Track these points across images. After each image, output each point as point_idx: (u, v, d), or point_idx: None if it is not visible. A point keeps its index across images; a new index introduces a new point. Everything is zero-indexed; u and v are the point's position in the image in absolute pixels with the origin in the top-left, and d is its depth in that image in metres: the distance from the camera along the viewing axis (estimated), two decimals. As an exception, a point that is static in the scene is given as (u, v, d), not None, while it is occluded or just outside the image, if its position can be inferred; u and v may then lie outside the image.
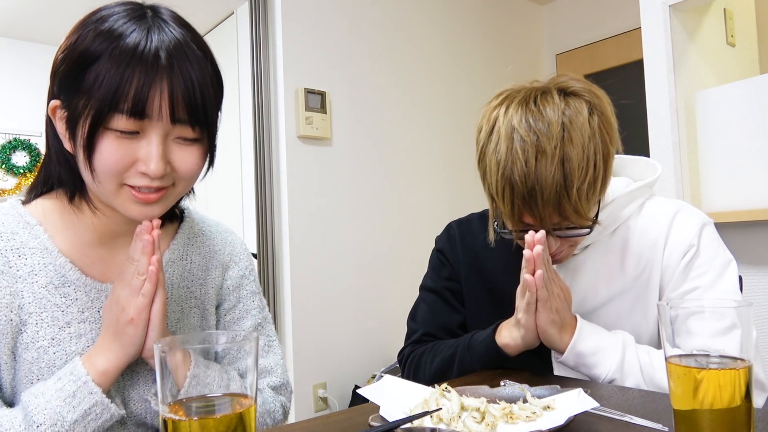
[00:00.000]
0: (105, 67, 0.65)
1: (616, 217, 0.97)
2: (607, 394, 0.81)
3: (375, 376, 2.55)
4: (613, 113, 0.88)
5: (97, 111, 0.65)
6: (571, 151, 0.81)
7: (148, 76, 0.65)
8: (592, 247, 0.99)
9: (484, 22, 3.31)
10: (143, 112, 0.66)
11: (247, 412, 0.51)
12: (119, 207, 0.72)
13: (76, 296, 0.76)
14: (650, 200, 1.00)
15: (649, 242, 0.96)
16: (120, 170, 0.68)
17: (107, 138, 0.66)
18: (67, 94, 0.69)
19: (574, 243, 0.93)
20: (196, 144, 0.73)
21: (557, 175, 0.80)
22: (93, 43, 0.66)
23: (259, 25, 2.50)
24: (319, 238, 2.51)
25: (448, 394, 0.71)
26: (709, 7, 2.13)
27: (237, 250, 0.95)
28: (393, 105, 2.83)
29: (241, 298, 0.93)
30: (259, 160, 2.50)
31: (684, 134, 2.03)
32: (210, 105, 0.71)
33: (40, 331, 0.73)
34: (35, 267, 0.74)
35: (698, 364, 0.57)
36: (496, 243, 1.05)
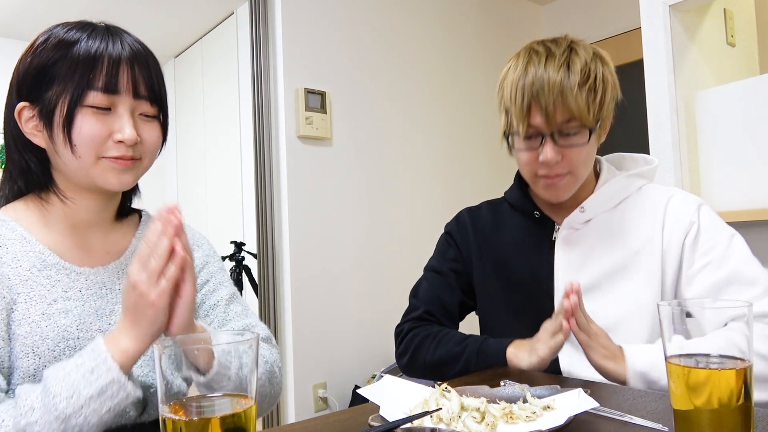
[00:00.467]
0: (75, 60, 0.79)
1: (616, 193, 1.05)
2: (607, 394, 0.81)
3: (375, 376, 2.55)
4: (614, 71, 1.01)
5: (74, 91, 0.78)
6: (576, 59, 0.96)
7: (116, 61, 0.80)
8: (593, 222, 1.05)
9: (483, 22, 3.31)
10: (115, 87, 0.80)
11: (247, 412, 0.51)
12: (98, 179, 0.82)
13: (58, 278, 0.83)
14: (649, 185, 1.08)
15: (648, 220, 1.02)
16: (98, 142, 0.80)
17: (85, 114, 0.79)
18: (36, 95, 0.81)
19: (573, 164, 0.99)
20: (155, 121, 0.86)
21: (562, 71, 0.95)
22: (54, 50, 0.80)
23: (259, 25, 2.50)
24: (319, 238, 2.51)
25: (448, 394, 0.71)
26: (709, 7, 2.13)
27: (197, 236, 1.02)
28: (393, 105, 2.83)
29: (212, 273, 1.00)
30: (259, 160, 2.50)
31: (684, 134, 2.03)
32: (163, 87, 0.87)
33: (31, 307, 0.79)
34: (17, 254, 0.81)
35: (698, 364, 0.57)
36: (505, 223, 1.14)
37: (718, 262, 0.95)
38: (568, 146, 0.97)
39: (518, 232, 1.11)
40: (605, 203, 1.05)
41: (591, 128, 0.96)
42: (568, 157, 0.98)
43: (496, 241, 1.14)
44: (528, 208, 1.12)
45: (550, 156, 0.96)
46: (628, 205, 1.05)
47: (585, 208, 1.05)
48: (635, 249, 1.01)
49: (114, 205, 0.92)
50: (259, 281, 2.50)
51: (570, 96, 0.93)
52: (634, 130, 3.07)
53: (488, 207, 1.20)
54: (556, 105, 0.94)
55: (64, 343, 0.79)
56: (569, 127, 0.96)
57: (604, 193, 1.06)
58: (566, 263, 1.04)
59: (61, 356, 0.79)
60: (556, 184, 1.01)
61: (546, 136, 0.96)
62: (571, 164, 0.99)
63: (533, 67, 0.96)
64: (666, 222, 1.00)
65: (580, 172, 1.01)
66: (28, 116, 0.82)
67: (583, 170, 1.02)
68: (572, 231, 1.06)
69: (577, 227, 1.05)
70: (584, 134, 0.97)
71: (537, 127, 0.96)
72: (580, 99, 0.94)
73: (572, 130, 0.96)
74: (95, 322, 0.83)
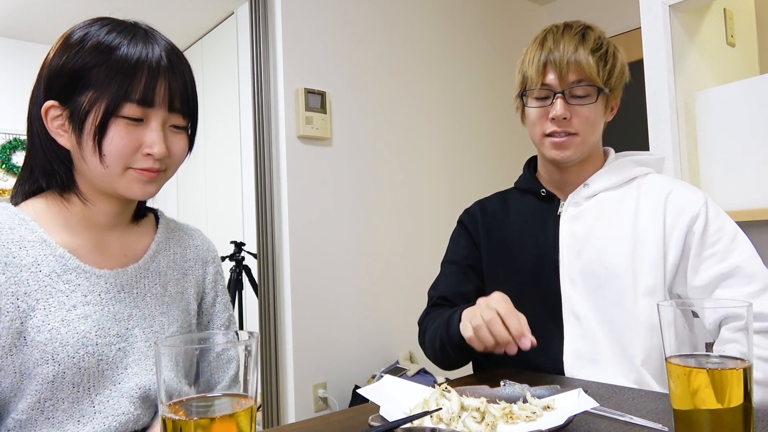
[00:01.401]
0: (114, 68, 0.77)
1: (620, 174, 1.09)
2: (607, 394, 0.81)
3: (375, 376, 2.55)
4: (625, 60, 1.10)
5: (110, 101, 0.77)
6: (590, 33, 1.06)
7: (154, 72, 0.79)
8: (596, 199, 1.09)
9: (483, 22, 3.31)
10: (152, 100, 0.79)
11: (247, 412, 0.51)
12: (122, 188, 0.82)
13: (78, 282, 0.82)
14: (655, 174, 1.12)
15: (650, 202, 1.05)
16: (128, 153, 0.79)
17: (117, 125, 0.78)
18: (67, 96, 0.79)
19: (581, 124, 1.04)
20: (183, 132, 0.86)
21: (577, 38, 1.04)
22: (92, 54, 0.78)
23: (259, 25, 2.50)
24: (319, 238, 2.51)
25: (448, 394, 0.72)
26: (709, 7, 2.13)
27: (212, 248, 1.05)
28: (393, 105, 2.83)
29: (218, 293, 1.03)
30: (259, 160, 2.50)
31: (684, 134, 2.03)
32: (196, 98, 0.87)
33: (50, 314, 0.78)
34: (37, 258, 0.80)
35: (698, 364, 0.57)
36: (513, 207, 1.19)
37: (723, 254, 0.98)
38: (577, 105, 1.03)
39: (525, 213, 1.15)
40: (609, 181, 1.09)
41: (600, 88, 1.03)
42: (576, 116, 1.03)
43: (504, 224, 1.18)
44: (535, 187, 1.16)
45: (560, 111, 1.02)
46: (631, 187, 1.08)
47: (589, 184, 1.09)
48: (638, 226, 1.03)
49: (132, 208, 0.92)
50: (259, 281, 2.50)
51: (583, 57, 1.02)
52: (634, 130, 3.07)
53: (498, 196, 1.26)
54: (569, 64, 1.02)
55: (84, 349, 0.79)
56: (580, 86, 1.03)
57: (609, 171, 1.10)
58: (570, 236, 1.07)
59: (80, 362, 0.79)
60: (564, 143, 1.05)
61: (558, 93, 1.03)
62: (579, 123, 1.04)
63: (551, 36, 1.07)
64: (668, 207, 1.03)
65: (587, 134, 1.05)
66: (55, 115, 0.80)
67: (590, 134, 1.06)
68: (576, 205, 1.10)
69: (581, 202, 1.10)
70: (593, 95, 1.03)
71: (550, 86, 1.04)
72: (591, 61, 1.02)
73: (582, 90, 1.03)
74: (113, 326, 0.83)
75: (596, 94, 1.03)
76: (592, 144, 1.09)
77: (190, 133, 0.88)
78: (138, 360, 0.85)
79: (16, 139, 4.04)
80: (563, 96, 1.03)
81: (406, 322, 2.70)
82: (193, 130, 0.89)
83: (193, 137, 0.89)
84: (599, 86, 1.03)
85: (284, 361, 2.42)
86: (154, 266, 0.92)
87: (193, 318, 0.96)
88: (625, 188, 1.09)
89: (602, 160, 1.14)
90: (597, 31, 1.08)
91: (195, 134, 0.90)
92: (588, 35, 1.05)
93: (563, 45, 1.04)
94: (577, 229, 1.08)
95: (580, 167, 1.11)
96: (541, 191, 1.15)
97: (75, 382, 0.79)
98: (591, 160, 1.12)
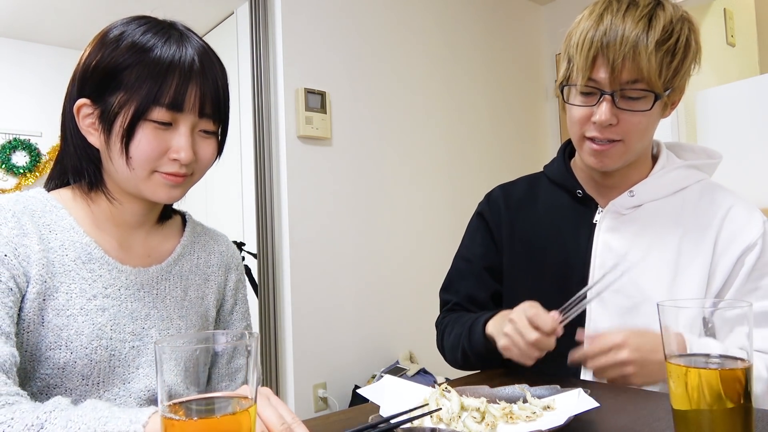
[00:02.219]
0: (145, 70, 0.76)
1: (672, 183, 0.95)
2: (607, 394, 0.81)
3: (375, 376, 2.55)
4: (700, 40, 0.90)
5: (140, 104, 0.76)
6: (661, 14, 0.85)
7: (186, 76, 0.78)
8: (642, 210, 0.96)
9: (484, 21, 3.30)
10: (181, 105, 0.78)
11: (247, 412, 0.51)
12: (147, 191, 0.81)
13: (100, 273, 0.82)
14: (709, 181, 0.98)
15: (703, 220, 0.92)
16: (154, 157, 0.79)
17: (145, 128, 0.77)
18: (99, 94, 0.79)
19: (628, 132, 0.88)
20: (213, 137, 0.85)
21: (641, 25, 0.83)
22: (126, 53, 0.77)
23: (259, 25, 2.50)
24: (319, 238, 2.51)
25: (448, 394, 0.71)
26: (709, 7, 2.13)
27: (236, 255, 1.05)
28: (393, 105, 2.83)
29: (238, 301, 1.03)
30: (259, 160, 2.50)
31: (684, 134, 2.03)
32: (228, 103, 0.85)
33: (71, 300, 0.79)
34: (65, 242, 0.81)
35: (698, 364, 0.57)
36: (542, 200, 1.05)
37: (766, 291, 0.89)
38: (627, 110, 0.86)
39: (556, 211, 1.01)
40: (659, 191, 0.95)
41: (658, 94, 0.86)
42: (624, 123, 0.88)
43: (531, 220, 1.04)
44: (570, 185, 1.02)
45: (606, 117, 0.86)
46: (684, 199, 0.95)
47: (635, 193, 0.95)
48: (682, 247, 0.91)
49: (158, 209, 0.93)
50: (259, 281, 2.50)
51: (644, 53, 0.82)
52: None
53: (525, 181, 1.11)
54: (625, 61, 0.83)
55: (97, 341, 0.79)
56: (634, 89, 0.85)
57: (659, 179, 0.95)
58: (606, 250, 0.95)
59: (92, 354, 0.79)
60: (605, 152, 0.90)
61: (606, 93, 0.86)
62: (626, 131, 0.88)
63: (610, 15, 0.86)
64: (723, 229, 0.91)
65: (633, 142, 0.90)
66: (87, 113, 0.80)
67: (638, 142, 0.90)
68: (617, 216, 0.96)
69: (624, 212, 0.96)
70: (649, 100, 0.86)
71: (598, 83, 0.87)
72: (653, 59, 0.83)
73: (636, 93, 0.86)
74: (129, 324, 0.83)
75: (653, 100, 0.86)
76: (639, 152, 0.94)
77: (220, 138, 0.87)
78: (150, 361, 0.85)
79: (16, 139, 4.04)
80: (612, 98, 0.86)
81: (406, 322, 2.70)
82: (223, 135, 0.88)
83: (223, 142, 0.88)
84: (657, 92, 0.85)
85: (284, 361, 2.42)
86: (177, 269, 0.92)
87: (211, 325, 0.96)
88: (675, 199, 0.95)
89: (649, 159, 0.99)
90: (669, 11, 0.86)
91: (225, 139, 0.89)
92: (656, 19, 0.84)
93: (622, 33, 0.83)
94: (614, 242, 0.94)
95: (626, 170, 0.97)
96: (578, 192, 1.00)
97: (85, 374, 0.79)
98: (638, 164, 0.97)
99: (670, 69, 0.85)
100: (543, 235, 1.02)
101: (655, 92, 0.85)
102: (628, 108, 0.86)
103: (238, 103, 3.51)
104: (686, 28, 0.87)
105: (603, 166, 0.93)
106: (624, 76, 0.84)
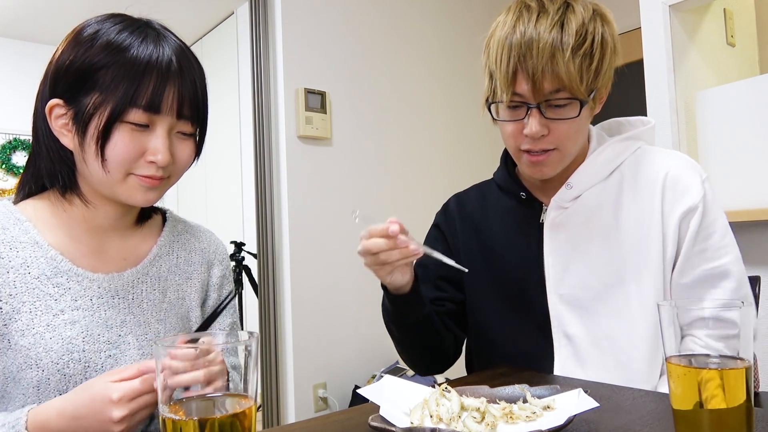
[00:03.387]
0: (121, 70, 0.74)
1: (606, 162, 0.95)
2: (607, 394, 0.81)
3: (375, 376, 2.55)
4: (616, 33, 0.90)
5: (116, 105, 0.74)
6: (572, 18, 0.85)
7: (163, 77, 0.76)
8: (582, 199, 0.96)
9: (483, 21, 3.30)
10: (159, 107, 0.76)
11: (247, 411, 0.51)
12: (123, 194, 0.79)
13: (69, 285, 0.80)
14: (645, 147, 0.98)
15: (645, 191, 0.92)
16: (130, 160, 0.77)
17: (122, 130, 0.75)
18: (72, 95, 0.76)
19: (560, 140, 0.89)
20: (191, 139, 0.83)
21: (555, 31, 0.83)
22: (101, 53, 0.75)
23: (259, 25, 2.50)
24: (319, 238, 2.51)
25: (448, 394, 0.71)
26: (709, 7, 2.13)
27: (220, 250, 1.01)
28: (393, 105, 2.83)
29: (222, 297, 0.99)
30: (259, 160, 2.50)
31: (684, 134, 2.03)
32: (206, 105, 0.84)
33: (35, 318, 0.76)
34: (27, 259, 0.78)
35: (698, 364, 0.57)
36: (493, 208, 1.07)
37: (714, 252, 0.90)
38: (556, 119, 0.87)
39: (506, 216, 1.02)
40: (595, 175, 0.95)
41: (583, 100, 0.86)
42: (555, 132, 0.88)
43: (484, 228, 1.05)
44: (514, 189, 1.03)
45: (536, 129, 0.86)
46: (622, 174, 0.95)
47: (572, 184, 0.94)
48: (629, 223, 0.92)
49: (135, 211, 0.90)
50: (259, 281, 2.50)
51: (561, 62, 0.82)
52: (634, 130, 3.07)
53: (477, 191, 1.13)
54: (544, 72, 0.83)
55: (68, 356, 0.77)
56: (558, 98, 0.85)
57: (592, 163, 0.95)
58: (555, 247, 0.96)
59: (65, 369, 0.76)
60: (542, 162, 0.91)
61: (532, 106, 0.86)
62: (558, 139, 0.89)
63: (522, 25, 0.85)
64: (665, 194, 0.91)
65: (568, 148, 0.90)
66: (59, 113, 0.78)
67: (572, 146, 0.91)
68: (561, 211, 0.96)
69: (566, 206, 0.96)
70: (574, 107, 0.86)
71: (522, 96, 0.87)
72: (572, 66, 0.83)
73: (561, 101, 0.86)
74: (103, 333, 0.80)
75: (579, 107, 0.86)
76: (576, 152, 0.94)
77: (198, 139, 0.85)
78: None
79: (16, 139, 4.04)
80: (539, 110, 0.86)
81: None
82: (201, 137, 0.86)
83: (201, 143, 0.86)
84: (582, 99, 0.85)
85: (284, 361, 2.42)
86: (154, 271, 0.89)
87: (194, 325, 0.93)
88: (616, 177, 0.95)
89: (585, 146, 0.98)
90: (580, 10, 0.86)
91: (203, 140, 0.87)
92: (569, 21, 0.84)
93: (537, 43, 0.83)
94: (561, 237, 0.95)
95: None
96: (521, 194, 1.01)
97: (60, 389, 0.76)
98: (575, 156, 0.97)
99: (590, 72, 0.85)
100: (497, 241, 1.03)
101: (579, 99, 0.85)
102: (556, 117, 0.87)
103: (238, 103, 3.51)
104: (599, 24, 0.87)
105: (543, 175, 0.94)
106: (546, 86, 0.84)
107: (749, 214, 1.75)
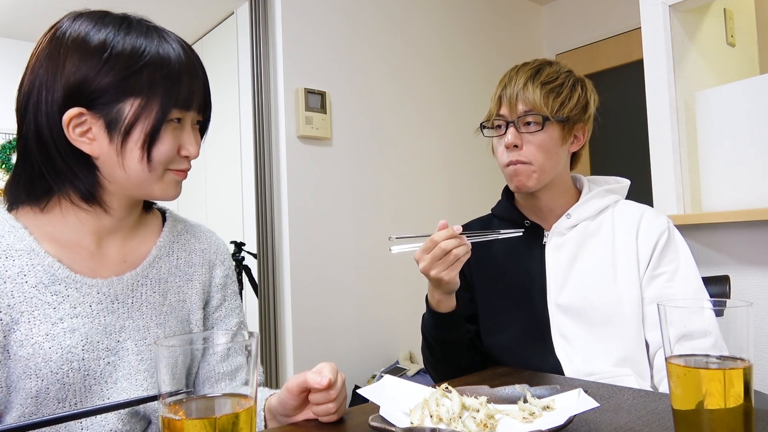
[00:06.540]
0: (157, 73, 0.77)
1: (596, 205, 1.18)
2: (607, 394, 0.81)
3: (375, 376, 2.55)
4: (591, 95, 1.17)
5: (161, 106, 0.77)
6: (548, 66, 1.15)
7: (192, 74, 0.81)
8: (577, 228, 1.17)
9: (483, 21, 3.31)
10: (190, 103, 0.81)
11: (247, 412, 0.51)
12: (158, 191, 0.83)
13: (67, 293, 0.79)
14: (623, 200, 1.22)
15: (624, 228, 1.14)
16: (172, 157, 0.81)
17: (167, 130, 0.79)
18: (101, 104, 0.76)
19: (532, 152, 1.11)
20: (197, 129, 0.87)
21: (532, 71, 1.14)
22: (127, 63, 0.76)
23: (259, 25, 2.50)
24: (319, 238, 2.51)
25: (449, 394, 0.71)
26: (709, 7, 2.13)
27: (222, 250, 1.00)
28: (393, 105, 2.83)
29: (227, 297, 0.98)
30: (259, 160, 2.50)
31: (684, 134, 2.03)
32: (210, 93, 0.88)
33: (34, 328, 0.75)
34: (24, 268, 0.77)
35: (698, 364, 0.57)
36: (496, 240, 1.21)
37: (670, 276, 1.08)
38: (526, 133, 1.11)
39: (510, 242, 1.17)
40: (588, 212, 1.17)
41: (546, 116, 1.09)
42: (526, 145, 1.11)
43: (491, 254, 1.23)
44: (517, 218, 1.22)
45: (510, 138, 1.11)
46: (606, 215, 1.18)
47: (571, 215, 1.16)
48: (616, 250, 1.12)
49: (138, 211, 0.90)
50: (259, 281, 2.50)
51: (530, 89, 1.10)
52: (634, 130, 3.07)
53: (479, 223, 1.33)
54: (518, 97, 1.11)
55: (68, 365, 0.76)
56: (528, 116, 1.11)
57: (587, 202, 1.18)
58: (556, 264, 1.14)
59: (64, 378, 0.76)
60: (519, 171, 1.12)
61: (510, 123, 1.12)
62: (530, 153, 1.11)
63: (509, 74, 1.17)
64: (640, 230, 1.13)
65: (539, 162, 1.11)
66: (80, 122, 0.76)
67: (544, 161, 1.12)
68: (560, 235, 1.17)
69: (564, 232, 1.17)
70: (540, 123, 1.10)
71: (503, 116, 1.13)
72: (538, 93, 1.10)
73: (530, 118, 1.11)
74: (103, 340, 0.80)
75: (542, 121, 1.10)
76: (553, 173, 1.14)
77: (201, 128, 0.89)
78: (128, 374, 0.81)
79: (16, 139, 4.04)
80: (514, 125, 1.12)
81: (406, 322, 2.70)
82: (205, 125, 0.89)
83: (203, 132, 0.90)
84: (545, 115, 1.09)
85: (284, 361, 2.42)
86: (154, 273, 0.88)
87: (194, 328, 0.92)
88: (602, 216, 1.18)
89: (574, 189, 1.22)
90: (556, 66, 1.15)
91: (206, 129, 0.91)
92: (543, 70, 1.13)
93: (516, 80, 1.13)
94: (561, 256, 1.14)
95: (552, 196, 1.18)
96: (525, 222, 1.21)
97: (60, 398, 0.76)
98: (561, 190, 1.19)
99: (556, 101, 1.11)
100: (504, 263, 1.21)
101: (543, 115, 1.09)
102: (527, 131, 1.11)
103: (238, 103, 3.51)
104: (572, 78, 1.14)
105: (521, 184, 1.13)
106: (519, 108, 1.11)
107: (749, 213, 1.75)
